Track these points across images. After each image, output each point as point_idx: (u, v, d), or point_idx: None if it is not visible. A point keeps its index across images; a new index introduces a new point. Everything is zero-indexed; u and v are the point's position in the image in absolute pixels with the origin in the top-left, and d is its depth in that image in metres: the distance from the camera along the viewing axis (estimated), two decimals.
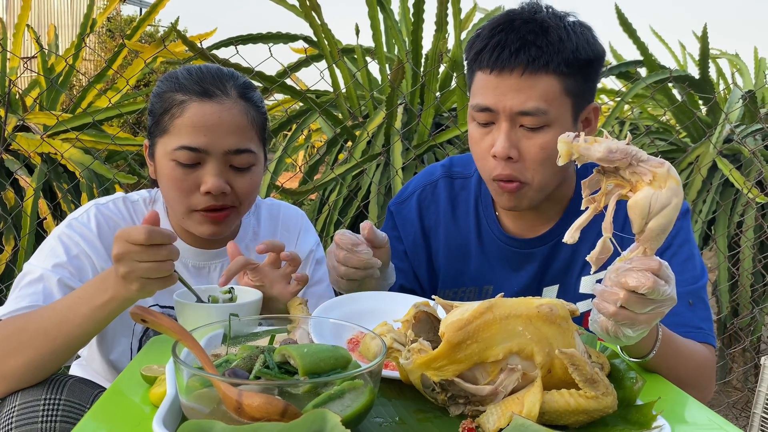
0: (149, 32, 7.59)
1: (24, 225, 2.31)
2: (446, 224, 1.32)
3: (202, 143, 1.15)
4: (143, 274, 0.96)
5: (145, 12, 2.81)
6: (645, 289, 0.78)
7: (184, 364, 0.68)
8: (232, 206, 1.20)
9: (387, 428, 0.76)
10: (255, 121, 1.22)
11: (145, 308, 0.74)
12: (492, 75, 1.12)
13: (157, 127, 1.20)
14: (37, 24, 9.06)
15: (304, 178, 2.57)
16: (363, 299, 1.10)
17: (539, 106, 1.10)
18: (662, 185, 0.78)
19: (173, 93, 1.18)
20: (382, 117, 2.47)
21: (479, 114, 1.15)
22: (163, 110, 1.18)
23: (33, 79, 2.87)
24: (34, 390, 0.99)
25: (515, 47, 1.10)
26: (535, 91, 1.10)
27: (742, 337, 2.81)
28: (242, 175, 1.20)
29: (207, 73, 1.21)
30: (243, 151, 1.18)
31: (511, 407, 0.73)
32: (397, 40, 2.74)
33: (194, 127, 1.15)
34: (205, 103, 1.17)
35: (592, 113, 1.20)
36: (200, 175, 1.17)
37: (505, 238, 1.28)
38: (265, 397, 0.65)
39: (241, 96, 1.20)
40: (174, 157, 1.16)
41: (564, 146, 0.81)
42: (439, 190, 1.34)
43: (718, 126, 2.78)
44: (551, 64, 1.10)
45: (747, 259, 2.68)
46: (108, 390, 0.87)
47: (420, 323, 0.85)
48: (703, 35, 2.79)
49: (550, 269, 1.27)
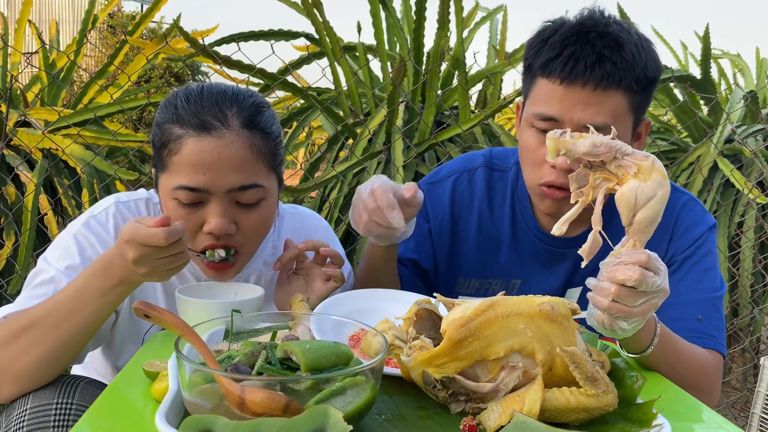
0: (151, 28, 7.58)
1: (25, 220, 2.31)
2: (481, 213, 1.31)
3: (202, 183, 1.06)
4: (164, 268, 0.96)
5: (147, 8, 2.80)
6: (633, 282, 0.80)
7: (187, 359, 0.69)
8: (237, 252, 1.13)
9: (388, 424, 0.76)
10: (262, 152, 1.11)
11: (149, 304, 0.74)
12: (561, 86, 1.10)
13: (159, 161, 1.13)
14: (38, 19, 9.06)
15: (305, 175, 2.57)
16: (364, 297, 1.11)
17: (606, 122, 1.09)
18: (647, 177, 0.80)
19: (171, 125, 1.10)
20: (384, 115, 2.47)
21: (541, 122, 1.14)
22: (162, 144, 1.11)
23: (34, 75, 2.87)
24: (45, 393, 0.98)
25: (590, 62, 1.08)
26: (604, 106, 1.09)
27: (742, 337, 2.81)
28: (250, 211, 1.11)
29: (207, 101, 1.10)
30: (248, 187, 1.09)
31: (512, 405, 0.73)
32: (398, 38, 2.74)
33: (192, 165, 1.06)
34: (203, 138, 1.07)
35: (643, 128, 1.21)
36: (203, 214, 1.09)
37: (540, 234, 1.28)
38: (267, 392, 0.65)
39: (245, 125, 1.09)
40: (175, 196, 1.09)
41: (552, 143, 0.82)
42: (477, 178, 1.33)
43: (719, 126, 2.78)
44: (623, 81, 1.09)
45: (747, 259, 2.68)
46: (110, 385, 0.87)
47: (421, 320, 0.85)
48: (705, 35, 2.79)
49: (581, 271, 1.26)
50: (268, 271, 1.29)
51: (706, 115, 3.02)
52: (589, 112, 1.09)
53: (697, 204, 1.26)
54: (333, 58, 2.52)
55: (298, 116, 2.66)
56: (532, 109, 1.15)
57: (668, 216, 1.24)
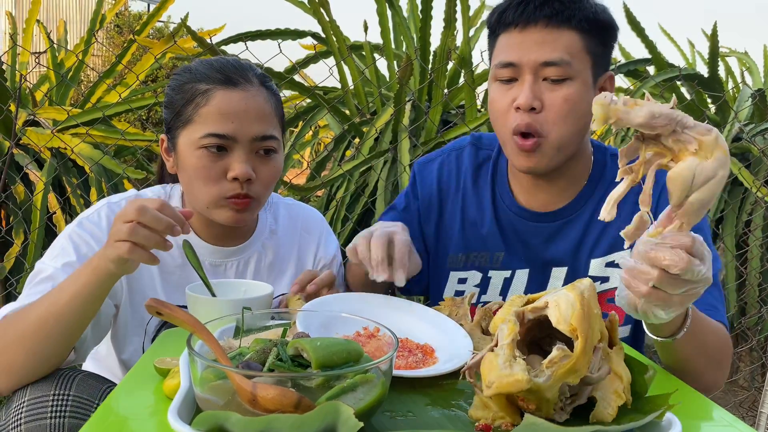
0: (158, 28, 7.60)
1: (34, 219, 2.32)
2: (465, 189, 1.36)
3: (230, 130, 1.17)
4: (147, 241, 0.96)
5: (154, 8, 2.82)
6: (678, 270, 0.73)
7: (199, 356, 0.69)
8: (253, 198, 1.21)
9: (399, 421, 0.76)
10: (276, 109, 1.24)
11: (161, 301, 0.75)
12: (516, 31, 1.17)
13: (178, 119, 1.20)
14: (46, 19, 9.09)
15: (312, 174, 2.58)
16: (351, 300, 1.10)
17: (563, 57, 1.15)
18: (708, 155, 0.70)
19: (195, 83, 1.19)
20: (390, 114, 2.47)
21: (502, 70, 1.19)
22: (186, 101, 1.19)
23: (43, 74, 2.89)
24: (42, 385, 0.99)
25: (539, 1, 1.15)
26: (558, 43, 1.15)
27: (750, 336, 2.80)
28: (267, 161, 1.22)
29: (227, 63, 1.22)
30: (268, 138, 1.20)
31: (614, 384, 0.71)
32: (405, 37, 2.74)
33: (221, 114, 1.17)
34: (231, 90, 1.18)
35: (608, 82, 1.24)
36: (227, 162, 1.18)
37: (516, 208, 1.31)
38: (279, 389, 0.65)
39: (262, 84, 1.23)
40: (201, 144, 1.17)
41: (600, 109, 0.73)
42: (464, 156, 1.38)
43: (727, 125, 2.77)
44: (573, 20, 1.15)
45: (755, 258, 2.67)
46: (122, 382, 0.88)
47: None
48: (713, 33, 2.78)
49: (557, 247, 1.28)
50: (267, 254, 1.34)
51: (713, 113, 3.01)
52: (544, 49, 1.15)
53: None
54: (340, 57, 2.53)
55: (304, 115, 2.67)
56: (494, 62, 1.22)
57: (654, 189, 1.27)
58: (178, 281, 1.25)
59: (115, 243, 0.97)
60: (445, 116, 2.64)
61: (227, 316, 0.85)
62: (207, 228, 1.28)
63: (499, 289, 1.31)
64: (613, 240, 1.26)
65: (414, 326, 1.04)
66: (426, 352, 0.96)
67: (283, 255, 1.36)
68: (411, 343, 0.99)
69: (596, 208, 1.25)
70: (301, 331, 0.87)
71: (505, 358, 0.69)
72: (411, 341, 0.99)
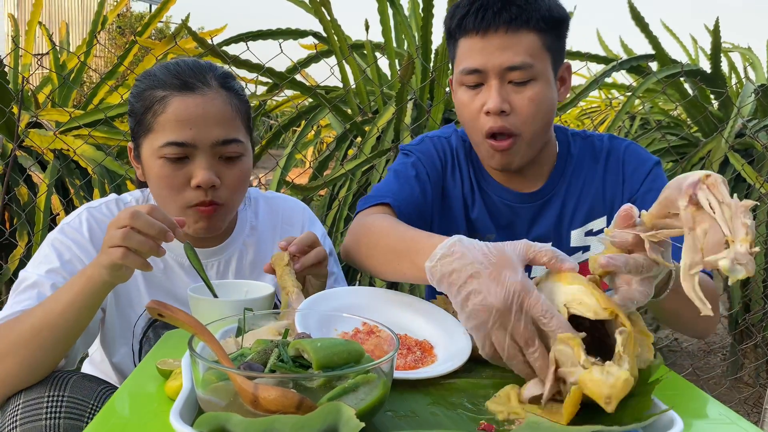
0: (159, 29, 7.61)
1: (37, 221, 2.33)
2: (454, 173, 1.38)
3: (189, 137, 1.14)
4: (140, 246, 0.96)
5: (156, 9, 2.82)
6: (614, 269, 0.77)
7: (201, 357, 0.69)
8: (221, 204, 1.19)
9: (400, 421, 0.76)
10: (239, 111, 1.20)
11: (162, 303, 0.75)
12: (477, 37, 1.20)
13: (140, 127, 1.18)
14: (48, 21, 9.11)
15: (314, 173, 2.58)
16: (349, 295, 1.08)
17: (525, 60, 1.19)
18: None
19: (152, 90, 1.17)
20: (392, 113, 2.47)
21: (468, 77, 1.23)
22: (145, 108, 1.17)
23: (45, 76, 2.90)
24: (37, 387, 0.99)
25: (497, 7, 1.19)
26: (520, 46, 1.19)
27: (754, 333, 2.80)
28: (231, 166, 1.19)
29: (185, 67, 1.19)
30: (231, 141, 1.17)
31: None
32: (406, 36, 2.74)
33: (178, 121, 1.14)
34: (187, 96, 1.15)
35: (566, 71, 1.31)
36: (190, 170, 1.15)
37: (501, 191, 1.36)
38: (280, 390, 0.65)
39: (222, 86, 1.19)
40: (161, 154, 1.15)
41: None
42: (452, 142, 1.41)
43: (730, 120, 2.76)
44: (531, 21, 1.19)
45: (759, 254, 2.66)
46: (124, 384, 0.88)
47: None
48: (715, 29, 2.77)
49: (540, 226, 1.34)
50: (248, 252, 1.33)
51: (716, 109, 3.00)
52: (507, 54, 1.19)
53: (638, 146, 1.36)
54: (341, 57, 2.53)
55: (306, 115, 2.67)
56: (458, 68, 1.25)
57: (615, 162, 1.34)
58: (161, 284, 1.26)
59: (109, 249, 0.97)
60: (447, 115, 2.64)
61: (229, 317, 0.85)
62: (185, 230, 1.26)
63: None
64: (588, 210, 1.34)
65: (412, 321, 1.03)
66: (425, 350, 0.96)
67: (265, 251, 1.34)
68: (410, 339, 0.98)
69: (568, 184, 1.34)
70: (301, 331, 0.87)
71: (599, 370, 0.71)
72: (410, 337, 0.99)
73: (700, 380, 2.97)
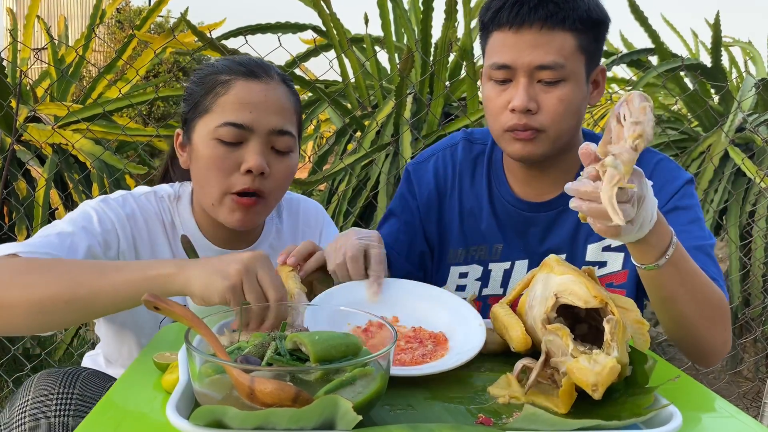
0: (158, 22, 7.59)
1: (36, 215, 2.33)
2: (462, 184, 1.36)
3: (248, 120, 1.14)
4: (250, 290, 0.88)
5: (154, 2, 2.81)
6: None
7: (197, 350, 0.69)
8: (262, 197, 1.17)
9: (398, 414, 0.76)
10: (295, 109, 1.23)
11: (158, 296, 0.75)
12: (510, 32, 1.17)
13: (196, 110, 1.19)
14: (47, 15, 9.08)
15: (314, 168, 2.58)
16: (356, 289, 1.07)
17: (557, 60, 1.15)
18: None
19: (216, 75, 1.19)
20: (391, 107, 2.47)
21: (497, 72, 1.19)
22: (205, 91, 1.18)
23: (44, 70, 2.89)
24: (46, 384, 0.98)
25: (534, 3, 1.15)
26: (552, 46, 1.15)
27: (754, 327, 2.80)
28: (281, 159, 1.19)
29: (250, 59, 1.23)
30: (285, 133, 1.18)
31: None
32: (406, 30, 2.73)
33: (240, 103, 1.15)
34: (251, 81, 1.17)
35: (600, 75, 1.26)
36: (242, 154, 1.15)
37: (512, 199, 1.32)
38: (277, 383, 0.65)
39: (282, 80, 1.22)
40: (217, 134, 1.14)
41: None
42: (457, 152, 1.38)
43: (730, 115, 2.75)
44: (567, 21, 1.15)
45: (759, 248, 2.66)
46: (121, 377, 0.88)
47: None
48: (716, 23, 2.76)
49: (554, 236, 1.30)
50: (274, 256, 1.30)
51: (716, 103, 2.99)
52: (538, 52, 1.15)
53: (671, 162, 1.31)
54: (340, 51, 2.52)
55: (305, 109, 2.66)
56: (488, 62, 1.22)
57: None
58: None
59: (230, 271, 0.88)
60: (446, 109, 2.63)
61: (225, 310, 0.85)
62: (215, 229, 1.24)
63: (500, 282, 1.31)
64: None
65: (430, 313, 1.02)
66: (438, 342, 0.95)
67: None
68: (423, 332, 0.97)
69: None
70: (304, 325, 0.87)
71: (586, 359, 0.74)
72: (424, 330, 0.98)
73: (699, 374, 2.97)
